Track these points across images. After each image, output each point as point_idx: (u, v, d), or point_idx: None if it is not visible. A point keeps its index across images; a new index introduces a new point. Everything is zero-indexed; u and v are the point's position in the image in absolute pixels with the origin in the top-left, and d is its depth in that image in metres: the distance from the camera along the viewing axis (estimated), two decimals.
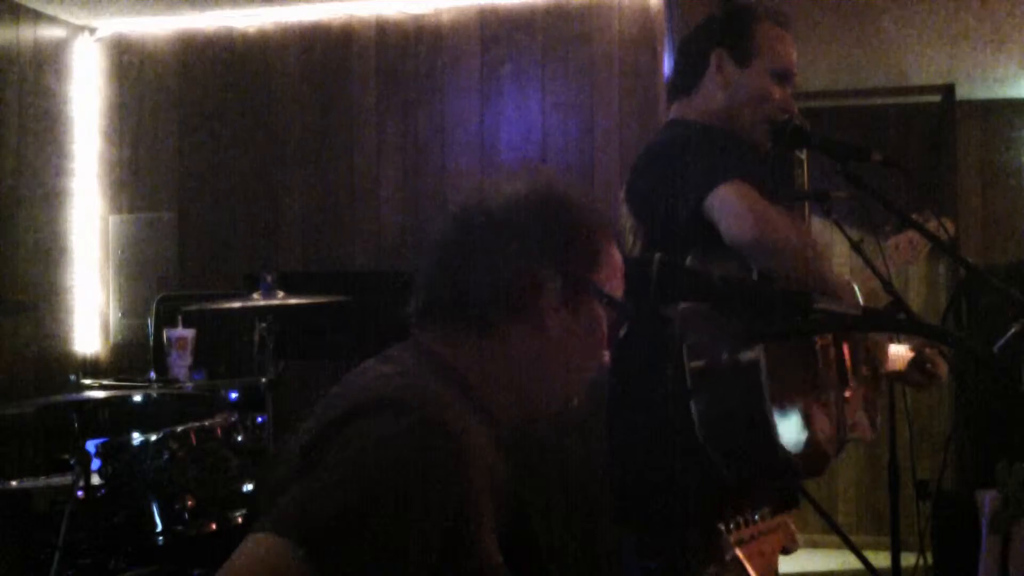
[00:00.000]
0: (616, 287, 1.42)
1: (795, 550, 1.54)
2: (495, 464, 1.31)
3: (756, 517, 1.49)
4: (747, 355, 1.87)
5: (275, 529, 1.13)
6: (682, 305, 1.82)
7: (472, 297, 1.35)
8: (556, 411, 1.44)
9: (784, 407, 1.88)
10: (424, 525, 1.15)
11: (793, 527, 1.54)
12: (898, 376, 2.38)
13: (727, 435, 1.91)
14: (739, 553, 1.43)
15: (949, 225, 2.50)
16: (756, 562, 1.44)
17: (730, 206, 1.90)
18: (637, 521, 2.13)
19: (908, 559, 3.31)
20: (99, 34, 5.00)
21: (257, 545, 1.14)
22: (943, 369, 2.37)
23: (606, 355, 1.44)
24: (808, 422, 1.92)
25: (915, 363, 2.36)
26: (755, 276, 1.89)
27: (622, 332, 2.23)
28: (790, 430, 1.88)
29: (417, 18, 4.68)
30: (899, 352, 2.36)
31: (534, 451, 4.30)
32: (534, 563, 1.44)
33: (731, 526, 1.45)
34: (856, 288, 2.29)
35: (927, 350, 2.36)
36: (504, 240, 1.35)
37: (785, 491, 2.13)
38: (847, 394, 2.07)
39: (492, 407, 1.37)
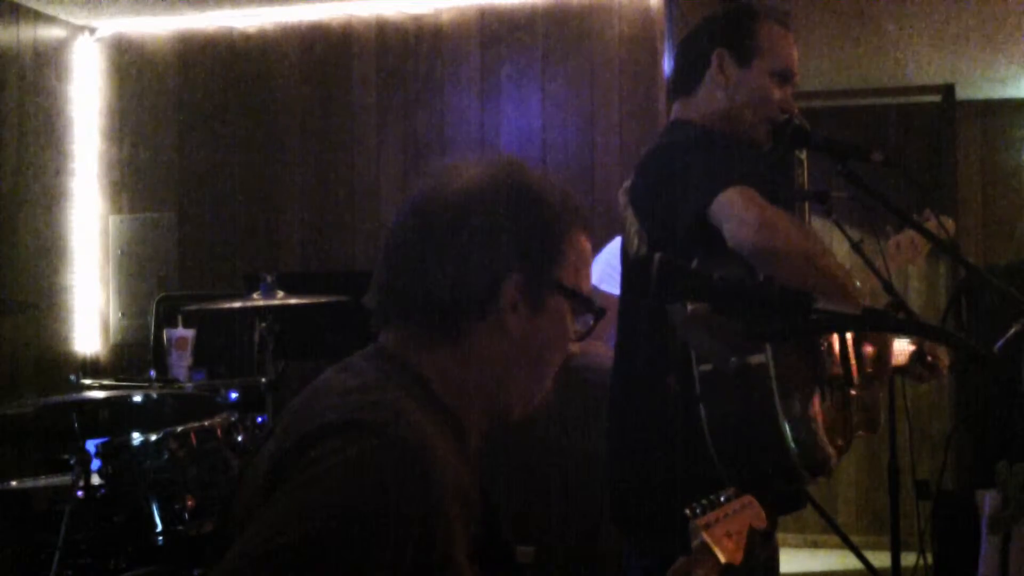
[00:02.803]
0: (585, 278, 1.37)
1: (763, 528, 1.53)
2: (464, 472, 1.25)
3: (723, 499, 1.48)
4: (756, 358, 1.87)
5: None
6: (689, 307, 1.81)
7: (428, 297, 1.30)
8: (523, 413, 1.37)
9: (791, 409, 1.88)
10: (393, 551, 1.11)
11: (759, 506, 1.53)
12: (900, 370, 2.38)
13: (736, 439, 1.90)
14: (707, 538, 1.42)
15: (949, 224, 2.50)
16: (724, 545, 1.43)
17: (735, 211, 1.89)
18: (637, 522, 2.13)
19: (908, 559, 3.31)
20: (99, 34, 5.00)
21: None
22: (945, 362, 2.37)
23: (574, 347, 1.39)
24: (815, 424, 1.92)
25: (916, 356, 2.36)
26: (761, 279, 1.88)
27: (619, 331, 2.24)
28: (798, 432, 1.88)
29: (417, 18, 4.68)
30: (900, 346, 2.36)
31: (534, 451, 4.31)
32: (508, 568, 1.41)
33: (697, 510, 1.44)
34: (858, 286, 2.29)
35: (928, 345, 2.36)
36: (461, 235, 1.29)
37: (789, 493, 2.13)
38: (852, 393, 2.06)
39: (457, 412, 1.31)
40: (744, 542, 1.46)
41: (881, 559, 2.87)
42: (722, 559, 1.41)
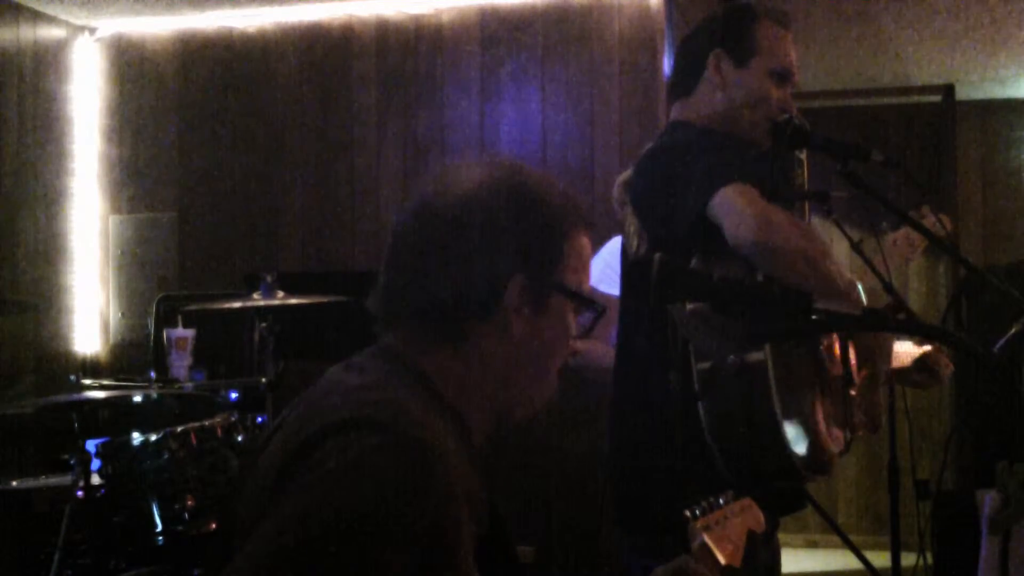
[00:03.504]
0: (585, 278, 1.38)
1: (761, 532, 1.53)
2: (468, 471, 1.26)
3: (721, 501, 1.48)
4: (754, 356, 1.87)
5: None
6: (689, 306, 1.81)
7: (431, 299, 1.31)
8: (528, 414, 1.38)
9: (791, 407, 1.88)
10: (400, 550, 1.12)
11: (758, 509, 1.53)
12: (900, 375, 2.38)
13: (735, 436, 1.91)
14: (707, 539, 1.42)
15: (946, 221, 2.51)
16: (724, 547, 1.43)
17: (733, 209, 1.89)
18: (638, 521, 2.13)
19: (908, 559, 3.31)
20: (99, 34, 5.00)
21: None
22: (947, 370, 2.36)
23: (578, 344, 1.41)
24: (815, 422, 1.92)
25: (919, 363, 2.35)
26: (760, 278, 1.89)
27: (619, 331, 2.24)
28: (797, 430, 1.88)
29: (417, 18, 4.68)
30: (904, 349, 2.35)
31: (534, 451, 4.31)
32: (509, 568, 1.41)
33: (697, 512, 1.44)
34: (860, 288, 2.29)
35: (931, 352, 2.35)
36: (463, 238, 1.30)
37: (789, 492, 2.13)
38: (852, 392, 2.07)
39: (462, 412, 1.32)
40: (743, 544, 1.47)
41: (881, 559, 2.87)
42: (722, 561, 1.41)
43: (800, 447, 1.88)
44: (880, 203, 2.00)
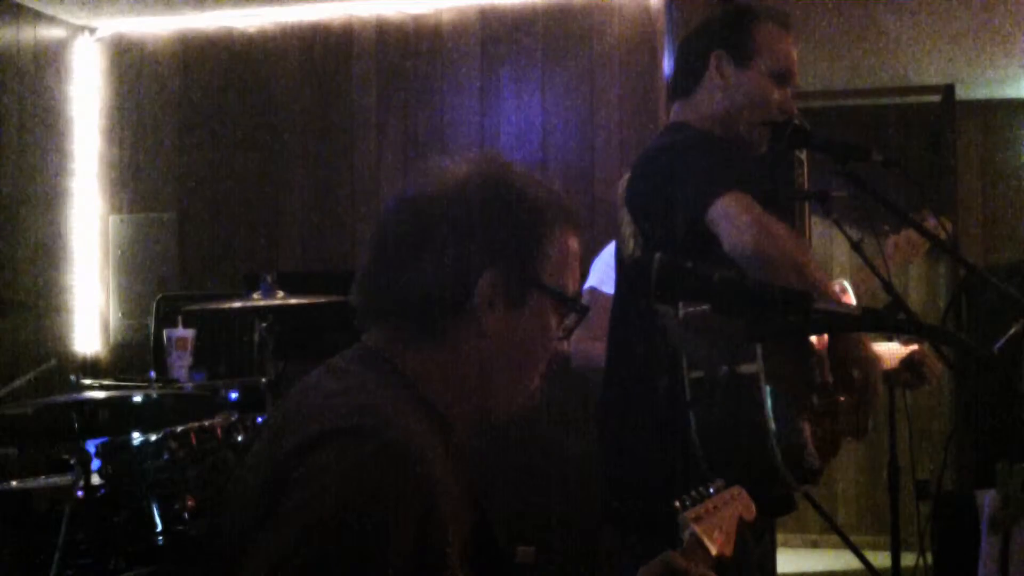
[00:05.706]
0: (570, 277, 1.35)
1: (752, 519, 1.52)
2: (454, 472, 1.26)
3: (711, 491, 1.48)
4: (746, 368, 1.88)
5: None
6: (681, 311, 1.81)
7: (407, 295, 1.29)
8: (510, 411, 1.36)
9: (780, 419, 1.88)
10: (393, 556, 1.12)
11: (748, 497, 1.53)
12: (888, 375, 2.37)
13: (725, 446, 1.91)
14: (697, 530, 1.41)
15: (947, 224, 2.51)
16: (715, 538, 1.43)
17: (732, 217, 1.90)
18: (631, 521, 2.13)
19: (908, 559, 3.31)
20: (99, 34, 5.00)
21: None
22: (936, 372, 2.35)
23: (564, 345, 1.37)
24: (803, 433, 1.92)
25: (906, 363, 2.35)
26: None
27: (611, 332, 2.24)
28: (786, 442, 1.89)
29: (417, 18, 4.68)
30: (891, 349, 2.35)
31: (534, 451, 4.31)
32: (498, 566, 1.41)
33: (686, 503, 1.44)
34: (851, 295, 2.30)
35: (919, 352, 2.34)
36: (437, 233, 1.28)
37: (780, 497, 2.13)
38: (841, 399, 2.07)
39: (444, 410, 1.30)
40: (734, 534, 1.47)
41: (881, 559, 2.87)
42: (713, 551, 1.41)
43: (787, 458, 1.88)
44: (880, 203, 2.00)
